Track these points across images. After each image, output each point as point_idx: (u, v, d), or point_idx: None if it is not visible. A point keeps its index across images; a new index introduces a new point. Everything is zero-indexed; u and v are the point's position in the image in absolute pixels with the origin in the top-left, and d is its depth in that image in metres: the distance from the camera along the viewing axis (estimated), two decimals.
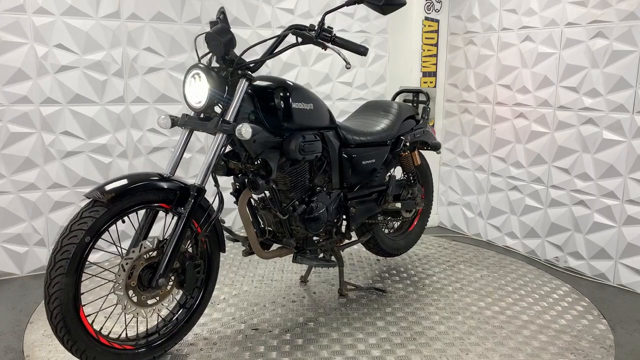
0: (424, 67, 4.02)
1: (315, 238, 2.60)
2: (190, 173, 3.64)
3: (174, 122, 2.22)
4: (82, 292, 1.89)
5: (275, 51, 2.25)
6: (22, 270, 3.12)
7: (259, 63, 2.19)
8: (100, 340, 1.95)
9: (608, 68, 3.02)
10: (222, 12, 2.25)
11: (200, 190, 2.05)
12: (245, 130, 2.00)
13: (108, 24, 3.22)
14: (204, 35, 2.14)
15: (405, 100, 3.30)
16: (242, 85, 2.11)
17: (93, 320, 2.02)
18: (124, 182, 1.94)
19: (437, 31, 4.02)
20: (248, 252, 2.49)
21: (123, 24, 3.26)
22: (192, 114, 2.19)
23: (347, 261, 3.35)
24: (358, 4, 2.16)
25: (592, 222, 3.16)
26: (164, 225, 2.17)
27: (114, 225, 1.94)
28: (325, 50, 2.20)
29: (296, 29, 2.22)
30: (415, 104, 3.23)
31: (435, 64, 4.07)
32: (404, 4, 2.14)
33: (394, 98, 3.31)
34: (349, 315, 2.60)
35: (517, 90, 3.56)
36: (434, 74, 4.08)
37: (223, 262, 3.33)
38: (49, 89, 3.09)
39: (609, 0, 2.98)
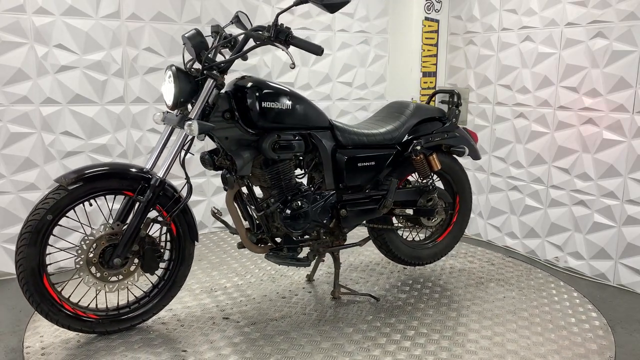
0: (424, 67, 4.02)
1: (303, 238, 2.60)
2: (190, 173, 3.63)
3: None
4: (47, 262, 2.16)
5: (242, 51, 2.32)
6: None
7: (228, 63, 2.27)
8: (64, 305, 2.20)
9: (608, 68, 3.02)
10: (236, 15, 2.37)
11: (161, 181, 2.22)
12: (194, 127, 2.13)
13: (108, 24, 3.22)
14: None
15: (443, 101, 3.08)
16: (208, 85, 2.22)
17: (62, 288, 2.26)
18: (88, 170, 2.17)
19: (437, 31, 4.02)
20: (241, 245, 2.56)
21: (123, 24, 3.27)
22: (173, 111, 2.33)
23: (368, 266, 3.27)
24: (305, 3, 2.22)
25: (592, 222, 3.16)
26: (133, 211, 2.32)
27: (83, 206, 2.22)
28: (284, 50, 2.27)
29: (252, 31, 2.29)
30: (450, 105, 2.99)
31: (435, 64, 4.07)
32: (347, 1, 2.19)
33: (429, 99, 3.12)
34: (323, 317, 2.57)
35: (517, 90, 3.56)
36: (434, 74, 4.08)
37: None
38: (49, 89, 3.09)
39: (609, 0, 2.98)
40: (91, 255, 2.19)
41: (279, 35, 2.22)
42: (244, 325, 2.47)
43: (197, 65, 2.33)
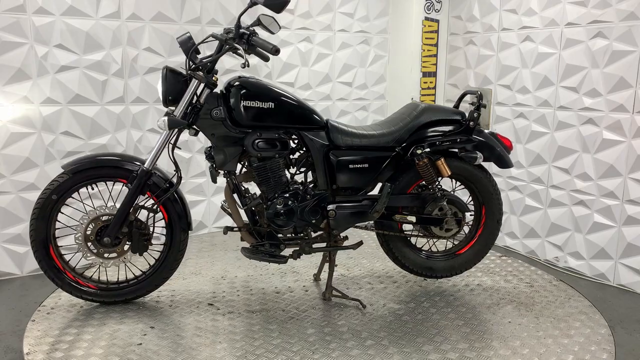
0: (424, 67, 4.02)
1: (296, 236, 2.63)
2: (190, 173, 3.65)
3: None
4: (56, 236, 2.51)
5: (220, 52, 2.42)
6: (22, 270, 3.12)
7: (211, 63, 2.40)
8: (67, 274, 2.53)
9: (608, 68, 3.02)
10: (257, 18, 2.43)
11: (147, 171, 2.44)
12: (166, 124, 2.31)
13: (108, 24, 3.22)
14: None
15: (472, 103, 2.79)
16: (193, 85, 2.39)
17: (70, 259, 2.59)
18: (87, 159, 2.48)
19: (437, 31, 4.02)
20: (242, 238, 2.64)
21: (123, 24, 3.26)
22: (167, 108, 2.49)
23: (387, 273, 3.13)
24: (254, 5, 2.36)
25: (592, 222, 3.16)
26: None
27: (86, 189, 2.53)
28: (242, 51, 2.39)
29: (214, 34, 2.43)
30: (475, 107, 2.73)
31: (435, 64, 4.08)
32: (288, 1, 2.33)
33: (458, 101, 2.86)
34: (297, 316, 2.56)
35: (517, 90, 3.56)
36: (434, 74, 4.08)
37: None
38: (49, 89, 3.09)
39: (609, 0, 2.98)
40: (89, 232, 2.48)
41: (242, 37, 2.37)
42: (220, 314, 2.57)
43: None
